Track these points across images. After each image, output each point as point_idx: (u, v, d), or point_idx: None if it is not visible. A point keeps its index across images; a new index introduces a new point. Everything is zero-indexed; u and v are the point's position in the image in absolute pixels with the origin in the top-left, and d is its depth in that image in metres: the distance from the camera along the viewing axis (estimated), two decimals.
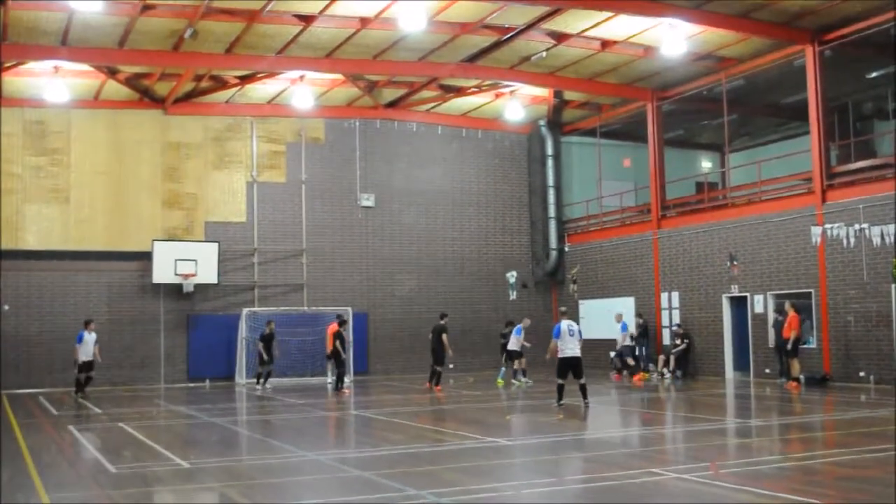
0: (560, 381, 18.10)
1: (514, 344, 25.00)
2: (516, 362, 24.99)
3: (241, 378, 27.05)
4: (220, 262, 27.68)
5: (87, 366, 23.14)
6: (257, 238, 28.76)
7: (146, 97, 27.30)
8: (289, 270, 29.13)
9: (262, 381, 24.99)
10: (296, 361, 27.60)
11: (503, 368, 25.84)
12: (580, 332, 18.27)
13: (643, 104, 28.99)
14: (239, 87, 27.05)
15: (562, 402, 17.98)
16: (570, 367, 17.88)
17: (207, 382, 26.86)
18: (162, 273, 26.82)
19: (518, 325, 25.25)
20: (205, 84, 26.81)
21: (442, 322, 24.38)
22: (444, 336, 23.89)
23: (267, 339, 25.07)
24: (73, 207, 26.87)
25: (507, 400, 21.14)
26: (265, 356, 24.96)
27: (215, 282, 27.64)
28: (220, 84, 26.99)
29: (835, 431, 15.39)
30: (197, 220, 28.16)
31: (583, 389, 17.96)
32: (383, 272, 30.18)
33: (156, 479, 11.33)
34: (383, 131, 30.57)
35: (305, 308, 28.65)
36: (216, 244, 27.78)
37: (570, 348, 17.75)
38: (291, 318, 27.97)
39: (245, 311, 27.75)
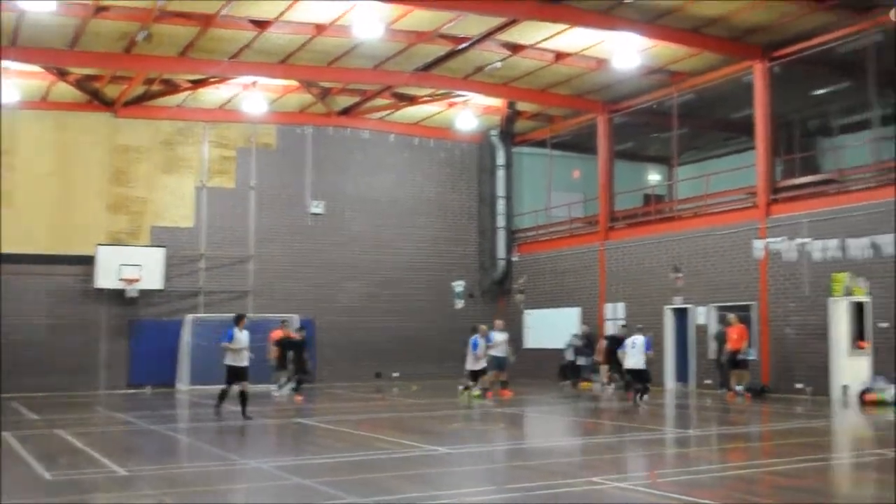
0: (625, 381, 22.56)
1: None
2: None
3: (183, 384, 26.72)
4: (166, 267, 27.35)
5: (241, 374, 18.17)
6: (204, 243, 28.48)
7: (96, 99, 26.89)
8: (235, 276, 28.85)
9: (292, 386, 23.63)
10: None
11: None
12: (647, 342, 21.37)
13: (594, 116, 29.23)
14: (191, 91, 26.79)
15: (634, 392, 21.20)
16: (634, 376, 21.40)
17: (148, 389, 26.44)
18: (105, 278, 26.42)
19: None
20: (156, 88, 26.48)
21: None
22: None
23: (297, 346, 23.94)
24: (17, 209, 26.30)
25: (452, 409, 21.12)
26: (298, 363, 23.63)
27: (160, 287, 27.28)
28: (172, 88, 26.69)
29: (772, 441, 15.61)
30: (144, 225, 27.77)
31: (643, 391, 20.95)
32: (331, 279, 29.99)
33: (92, 486, 11.15)
34: (336, 138, 30.45)
35: (251, 314, 28.28)
36: (163, 249, 27.45)
37: (633, 360, 21.21)
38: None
39: (189, 316, 27.45)
